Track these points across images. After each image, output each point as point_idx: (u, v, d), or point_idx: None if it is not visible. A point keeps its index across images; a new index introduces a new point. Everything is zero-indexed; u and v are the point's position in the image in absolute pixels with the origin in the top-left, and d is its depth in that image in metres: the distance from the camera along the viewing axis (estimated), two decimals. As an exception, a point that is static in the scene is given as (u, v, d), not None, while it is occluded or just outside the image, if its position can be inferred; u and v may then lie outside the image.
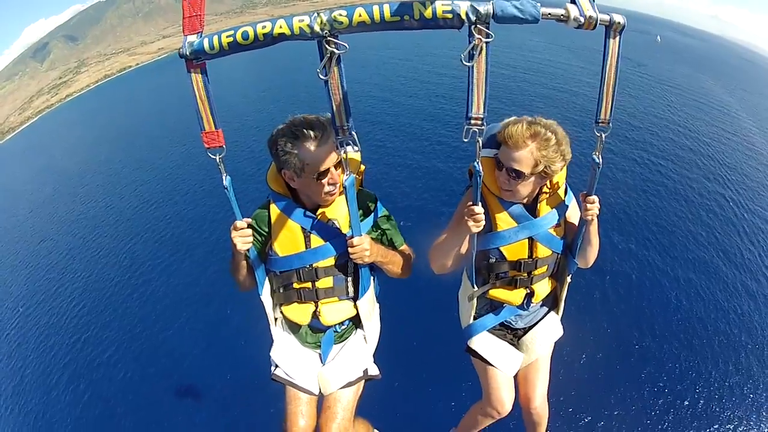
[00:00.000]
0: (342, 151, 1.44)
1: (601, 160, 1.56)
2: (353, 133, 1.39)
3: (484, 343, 2.01)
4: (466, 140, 1.34)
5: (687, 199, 9.80)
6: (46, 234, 13.90)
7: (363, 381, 1.92)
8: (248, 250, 1.65)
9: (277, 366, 1.88)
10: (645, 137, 13.19)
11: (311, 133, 1.52)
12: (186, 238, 10.36)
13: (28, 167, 25.42)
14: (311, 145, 1.53)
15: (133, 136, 21.57)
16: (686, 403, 5.25)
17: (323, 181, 1.60)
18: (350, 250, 1.62)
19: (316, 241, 1.71)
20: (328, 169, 1.58)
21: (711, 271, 7.46)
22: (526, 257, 1.81)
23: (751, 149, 13.94)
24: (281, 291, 1.82)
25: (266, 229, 1.76)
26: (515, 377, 2.05)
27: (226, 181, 1.47)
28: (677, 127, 14.80)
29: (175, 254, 9.84)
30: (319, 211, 1.72)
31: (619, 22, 1.34)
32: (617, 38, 1.37)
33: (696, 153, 12.57)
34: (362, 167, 1.83)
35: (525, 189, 1.69)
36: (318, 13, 1.19)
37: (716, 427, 4.99)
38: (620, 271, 7.24)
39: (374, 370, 1.95)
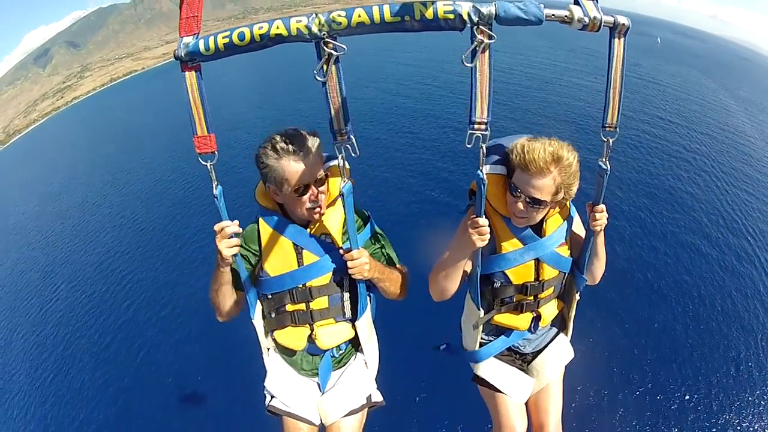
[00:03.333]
0: (340, 157, 1.38)
1: (608, 166, 1.47)
2: (352, 137, 1.34)
3: (491, 369, 1.91)
4: (469, 146, 1.29)
5: (698, 207, 9.58)
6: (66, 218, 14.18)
7: (366, 408, 1.80)
8: (235, 258, 1.52)
9: (273, 396, 1.76)
10: (646, 139, 13.12)
11: (290, 147, 1.45)
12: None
13: (39, 164, 25.78)
14: (289, 160, 1.46)
15: (145, 132, 21.87)
16: (713, 425, 5.01)
17: (303, 198, 1.52)
18: (349, 263, 1.53)
19: (309, 257, 1.61)
20: (309, 185, 1.51)
21: (726, 282, 7.26)
22: (533, 280, 1.71)
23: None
24: (273, 316, 1.70)
25: (256, 247, 1.65)
26: (526, 404, 1.94)
27: (217, 190, 1.40)
28: (674, 125, 14.76)
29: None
30: (311, 224, 1.63)
31: (623, 24, 1.30)
32: (622, 40, 1.32)
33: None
34: (351, 181, 1.68)
35: (540, 215, 1.61)
36: (316, 14, 1.17)
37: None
38: (629, 283, 7.00)
39: (377, 397, 1.83)
